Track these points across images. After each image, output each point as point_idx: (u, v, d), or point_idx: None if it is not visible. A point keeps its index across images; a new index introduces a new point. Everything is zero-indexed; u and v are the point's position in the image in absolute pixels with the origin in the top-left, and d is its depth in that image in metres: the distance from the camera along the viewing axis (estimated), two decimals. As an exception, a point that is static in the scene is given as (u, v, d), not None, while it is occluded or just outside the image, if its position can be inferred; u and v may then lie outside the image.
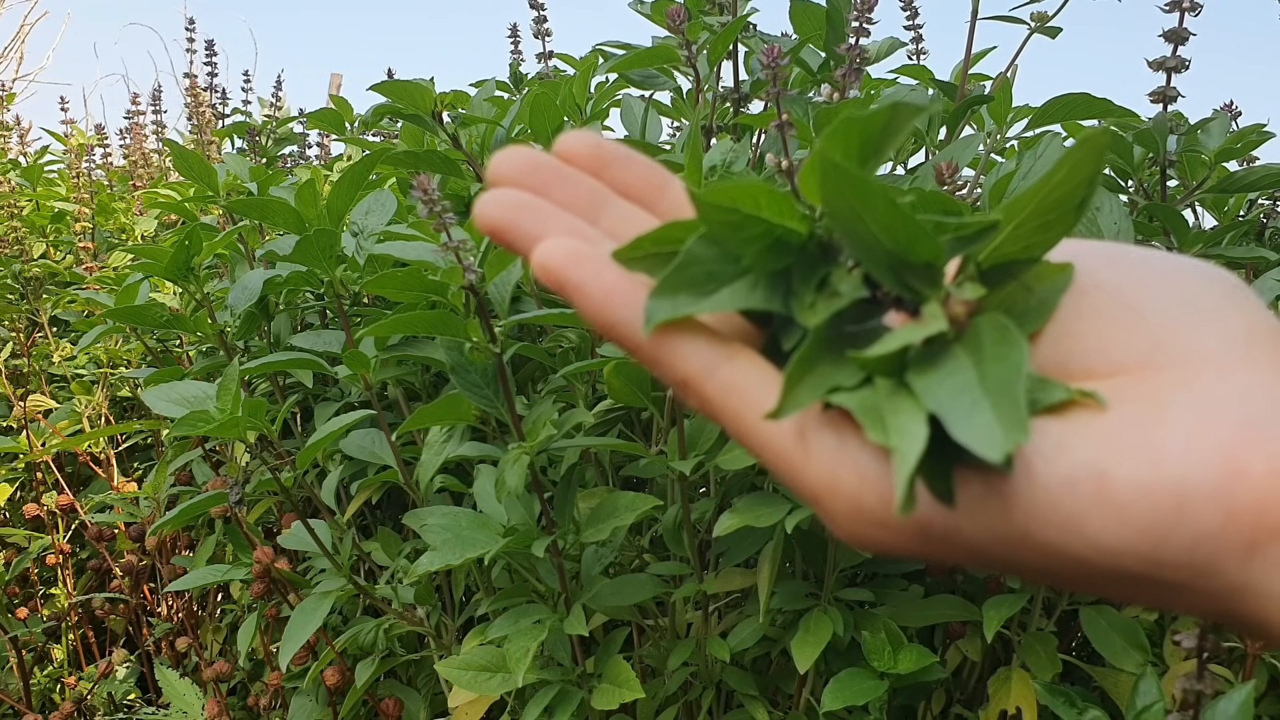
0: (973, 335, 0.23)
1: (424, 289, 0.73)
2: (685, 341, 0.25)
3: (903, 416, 0.22)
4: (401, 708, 0.95)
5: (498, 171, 0.28)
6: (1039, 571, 0.23)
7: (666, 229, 0.25)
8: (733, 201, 0.24)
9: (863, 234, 0.24)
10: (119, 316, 1.03)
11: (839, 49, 0.73)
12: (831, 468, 0.24)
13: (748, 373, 0.25)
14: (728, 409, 0.25)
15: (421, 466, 0.86)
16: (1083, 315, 0.25)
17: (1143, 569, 0.22)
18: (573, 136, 0.29)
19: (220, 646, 1.26)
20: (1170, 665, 0.76)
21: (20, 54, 3.99)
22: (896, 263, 0.24)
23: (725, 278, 0.25)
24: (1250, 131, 0.88)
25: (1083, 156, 0.23)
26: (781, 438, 0.25)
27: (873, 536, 0.24)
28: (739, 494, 0.79)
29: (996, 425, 0.21)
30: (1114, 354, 0.24)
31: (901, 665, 0.72)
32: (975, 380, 0.22)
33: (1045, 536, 0.22)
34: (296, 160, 1.80)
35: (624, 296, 0.25)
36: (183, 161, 1.07)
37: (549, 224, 0.27)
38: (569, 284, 0.25)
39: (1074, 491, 0.22)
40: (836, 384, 0.24)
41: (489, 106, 1.02)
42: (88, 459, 1.41)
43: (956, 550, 0.24)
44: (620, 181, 0.29)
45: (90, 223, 1.69)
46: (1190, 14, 0.80)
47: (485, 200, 0.27)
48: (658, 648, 0.85)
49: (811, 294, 0.25)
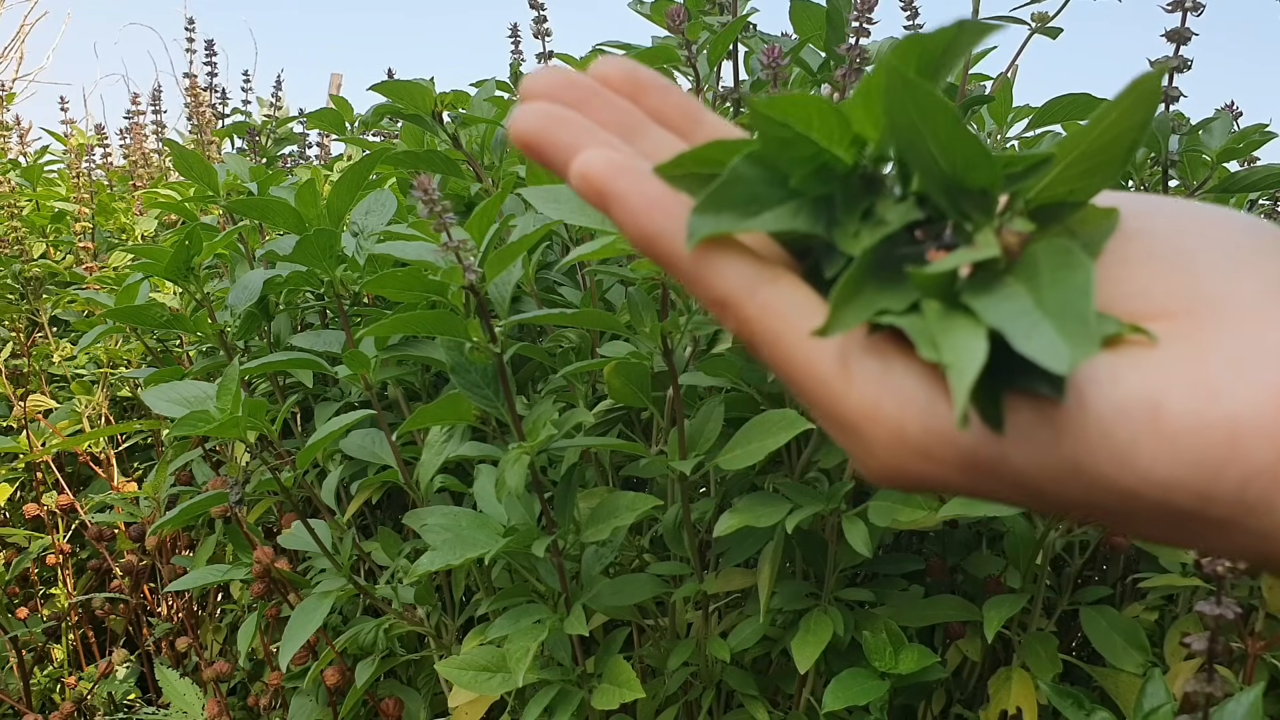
0: (1027, 263, 0.23)
1: (424, 289, 0.73)
2: (727, 260, 0.25)
3: (958, 335, 0.22)
4: (401, 708, 0.95)
5: (531, 88, 0.27)
6: (1084, 506, 0.23)
7: (709, 148, 0.25)
8: (785, 116, 0.24)
9: (922, 151, 0.23)
10: (119, 316, 1.03)
11: (839, 49, 0.73)
12: (874, 394, 0.24)
13: (790, 295, 0.25)
14: (768, 330, 0.25)
15: (421, 466, 0.86)
16: (1127, 260, 0.25)
17: (1192, 504, 0.22)
18: (608, 61, 0.29)
19: (220, 646, 1.26)
20: (1171, 665, 0.76)
21: (20, 54, 4.00)
22: (952, 186, 0.24)
23: (769, 200, 0.25)
24: (1252, 131, 0.88)
25: (1136, 99, 0.23)
26: (823, 362, 0.24)
27: (913, 468, 0.24)
28: (739, 494, 0.78)
29: (1061, 340, 0.21)
30: (1158, 298, 0.24)
31: (902, 665, 0.72)
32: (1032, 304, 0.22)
33: (1095, 468, 0.22)
34: (296, 160, 1.80)
35: (666, 210, 0.25)
36: (183, 161, 1.07)
37: (585, 138, 0.26)
38: (610, 194, 0.25)
39: (1127, 421, 0.22)
40: (884, 307, 0.23)
41: (489, 106, 1.01)
42: (88, 459, 1.41)
43: (1001, 482, 0.23)
44: (656, 109, 0.29)
45: (90, 223, 1.69)
46: (1192, 13, 0.80)
47: (520, 112, 0.26)
48: (658, 648, 0.85)
49: (855, 223, 0.25)
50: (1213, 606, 0.59)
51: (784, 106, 0.24)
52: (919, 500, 0.70)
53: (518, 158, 1.04)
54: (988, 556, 0.85)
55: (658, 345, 0.72)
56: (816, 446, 0.77)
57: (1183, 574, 0.77)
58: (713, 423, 0.74)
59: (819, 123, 0.24)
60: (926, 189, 0.24)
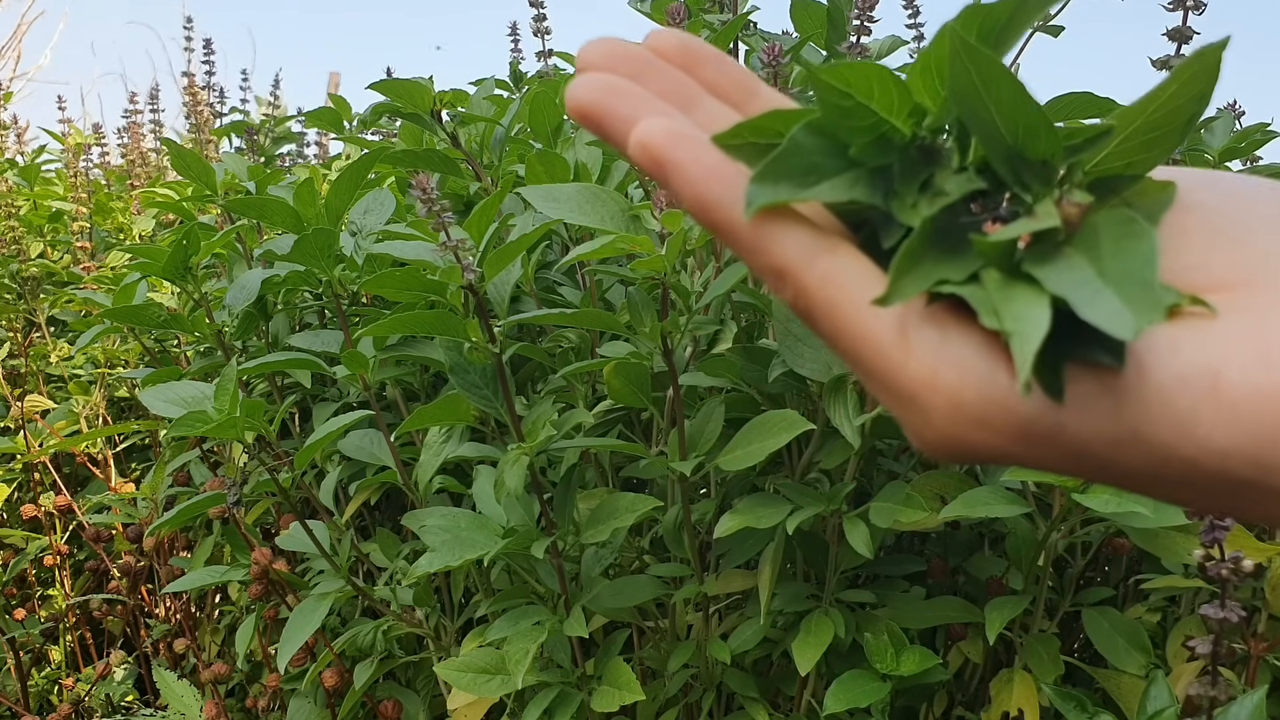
0: (1088, 234, 0.23)
1: (423, 289, 0.73)
2: (786, 229, 0.25)
3: (1020, 303, 0.22)
4: (400, 710, 0.95)
5: (587, 58, 0.27)
6: (1140, 475, 0.23)
7: (767, 118, 0.25)
8: (847, 84, 0.24)
9: (984, 119, 0.24)
10: (116, 316, 1.03)
11: (840, 47, 0.73)
12: (932, 363, 0.24)
13: (849, 265, 0.25)
14: (826, 300, 0.25)
15: (420, 467, 0.86)
16: (1185, 233, 0.25)
17: (1250, 473, 0.22)
18: (663, 32, 0.29)
19: (218, 648, 1.25)
20: (1173, 667, 0.76)
21: (18, 52, 3.99)
22: (1014, 155, 0.24)
23: (828, 170, 0.25)
24: (1254, 131, 0.88)
25: (1197, 71, 0.23)
26: (881, 331, 0.24)
27: (970, 438, 0.24)
28: (740, 495, 0.78)
29: (1125, 307, 0.21)
30: (1216, 270, 0.24)
31: (904, 667, 0.71)
32: (1094, 274, 0.22)
33: (1155, 436, 0.22)
34: (294, 159, 1.80)
35: (724, 178, 0.25)
36: (180, 161, 1.07)
37: (642, 108, 0.26)
38: (669, 163, 0.25)
39: (1186, 390, 0.22)
40: (943, 277, 0.23)
41: (488, 105, 1.01)
42: (85, 459, 1.40)
43: (1057, 451, 0.23)
44: (711, 81, 0.29)
45: (88, 222, 1.69)
46: (1194, 12, 0.79)
47: (577, 84, 0.26)
48: (658, 649, 0.85)
49: (914, 194, 0.25)
50: (1216, 609, 0.58)
51: (846, 74, 0.24)
52: (920, 501, 0.69)
53: (517, 156, 1.04)
54: (990, 558, 0.85)
55: (658, 345, 0.72)
56: (817, 447, 0.77)
57: (1185, 576, 0.77)
58: (713, 423, 0.73)
59: (879, 92, 0.24)
60: (988, 158, 0.25)
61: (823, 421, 0.74)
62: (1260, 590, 0.74)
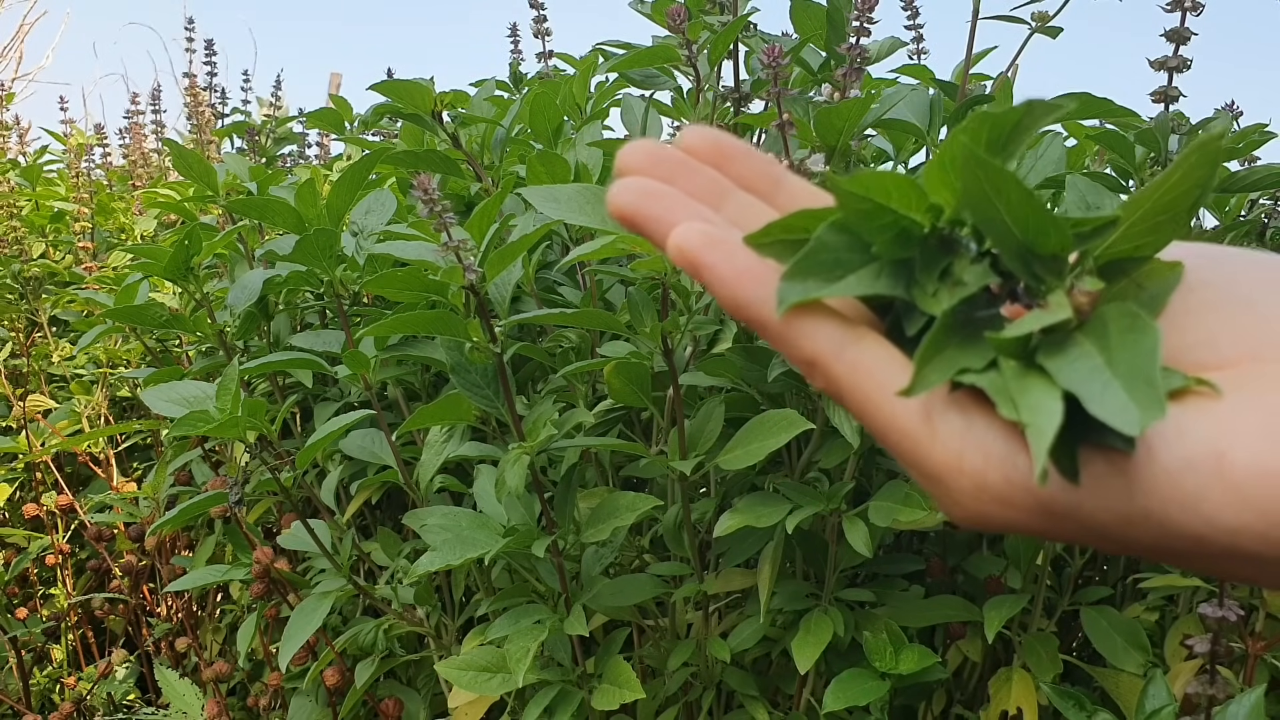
0: (1097, 324, 0.24)
1: (424, 289, 0.73)
2: (815, 323, 0.27)
3: (1035, 395, 0.23)
4: (401, 708, 0.95)
5: (626, 162, 0.30)
6: (1156, 549, 0.24)
7: (795, 217, 0.27)
8: (866, 190, 0.26)
9: (996, 222, 0.25)
10: (118, 316, 1.03)
11: (840, 48, 0.73)
12: (957, 447, 0.25)
13: (875, 354, 0.26)
14: (855, 388, 0.26)
15: (421, 466, 0.86)
16: (1191, 311, 0.26)
17: (1260, 548, 0.22)
18: (694, 131, 0.31)
19: (220, 647, 1.26)
20: (1171, 666, 0.76)
21: (19, 53, 3.99)
22: (1025, 252, 0.25)
23: (852, 265, 0.27)
24: (1252, 131, 0.88)
25: (1198, 160, 0.24)
26: (908, 417, 0.26)
27: (995, 514, 0.25)
28: (739, 494, 0.78)
29: (1131, 403, 0.22)
30: (1223, 347, 0.25)
31: (903, 666, 0.72)
32: (1103, 364, 0.23)
33: (1165, 515, 0.23)
34: (296, 160, 1.80)
35: (756, 278, 0.27)
36: (182, 161, 1.07)
37: (678, 210, 0.28)
38: (704, 266, 0.27)
39: (1193, 472, 0.23)
40: (964, 366, 0.25)
41: (489, 106, 1.01)
42: (87, 459, 1.40)
43: (1077, 526, 0.25)
44: (739, 174, 0.31)
45: (90, 222, 1.69)
46: (1192, 13, 0.80)
47: (619, 188, 0.29)
48: (658, 648, 0.85)
49: (934, 283, 0.27)
50: (1215, 608, 0.59)
51: (865, 183, 0.26)
52: (919, 500, 0.70)
53: (517, 157, 1.04)
54: (988, 557, 0.85)
55: (658, 345, 0.72)
56: (817, 446, 0.77)
57: (1183, 575, 0.77)
58: (713, 423, 0.74)
59: (897, 194, 0.26)
60: (1002, 255, 0.26)
61: (822, 421, 0.74)
62: (1258, 590, 0.74)
